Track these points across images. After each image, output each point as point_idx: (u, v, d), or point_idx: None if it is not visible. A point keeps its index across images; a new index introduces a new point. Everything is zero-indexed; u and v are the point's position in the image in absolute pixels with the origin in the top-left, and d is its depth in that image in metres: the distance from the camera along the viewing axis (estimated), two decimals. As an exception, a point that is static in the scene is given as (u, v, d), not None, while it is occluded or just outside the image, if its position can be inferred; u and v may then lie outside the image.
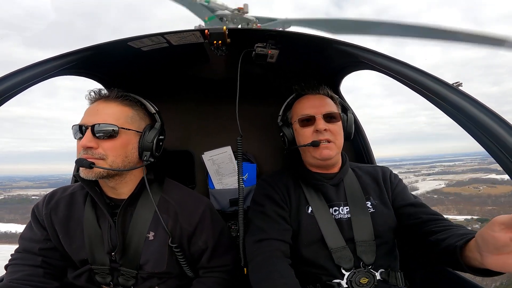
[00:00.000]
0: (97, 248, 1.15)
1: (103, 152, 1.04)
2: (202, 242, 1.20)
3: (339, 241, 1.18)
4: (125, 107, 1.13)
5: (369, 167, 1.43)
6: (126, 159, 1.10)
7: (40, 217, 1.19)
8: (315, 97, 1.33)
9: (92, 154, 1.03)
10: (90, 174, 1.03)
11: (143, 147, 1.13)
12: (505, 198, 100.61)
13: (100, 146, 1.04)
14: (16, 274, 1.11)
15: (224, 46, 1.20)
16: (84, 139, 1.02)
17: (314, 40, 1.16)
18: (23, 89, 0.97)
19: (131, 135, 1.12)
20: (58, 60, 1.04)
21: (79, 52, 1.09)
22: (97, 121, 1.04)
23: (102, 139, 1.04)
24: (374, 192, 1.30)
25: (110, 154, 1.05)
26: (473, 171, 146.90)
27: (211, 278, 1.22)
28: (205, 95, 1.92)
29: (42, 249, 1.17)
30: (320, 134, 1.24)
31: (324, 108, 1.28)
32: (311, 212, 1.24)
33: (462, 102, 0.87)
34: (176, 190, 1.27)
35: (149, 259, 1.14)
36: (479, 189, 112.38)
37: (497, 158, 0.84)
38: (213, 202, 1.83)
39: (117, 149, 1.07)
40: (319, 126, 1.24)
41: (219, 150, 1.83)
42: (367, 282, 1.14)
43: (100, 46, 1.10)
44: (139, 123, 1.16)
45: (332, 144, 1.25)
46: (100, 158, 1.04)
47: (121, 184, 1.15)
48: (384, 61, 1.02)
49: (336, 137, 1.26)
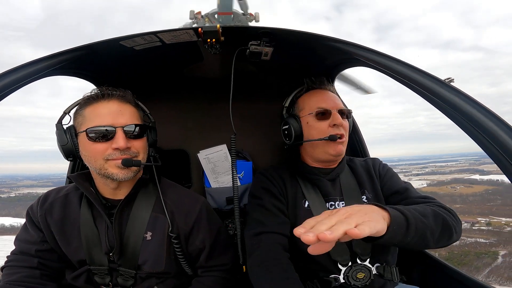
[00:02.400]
0: (94, 248, 1.14)
1: (135, 151, 1.09)
2: (200, 242, 1.21)
3: None
4: (135, 107, 1.17)
5: (362, 161, 1.44)
6: (146, 156, 1.17)
7: (35, 218, 1.18)
8: (327, 92, 1.34)
9: (130, 153, 1.07)
10: (129, 174, 1.07)
11: (152, 144, 1.21)
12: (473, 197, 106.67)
13: (132, 145, 1.08)
14: (12, 276, 1.11)
15: (218, 44, 1.19)
16: (121, 140, 1.03)
17: (308, 37, 1.16)
18: (14, 89, 0.95)
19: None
20: (49, 60, 1.02)
21: (71, 52, 1.07)
22: (126, 121, 1.07)
23: (132, 139, 1.08)
24: (368, 185, 1.31)
25: (141, 152, 1.11)
26: (460, 171, 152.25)
27: (210, 277, 1.23)
28: (200, 93, 1.91)
29: (38, 251, 1.17)
30: (337, 129, 1.24)
31: (339, 104, 1.30)
32: (307, 207, 1.25)
33: (454, 97, 0.87)
34: (172, 189, 1.27)
35: (147, 259, 1.15)
36: (455, 189, 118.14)
37: (490, 154, 0.85)
38: (210, 200, 1.83)
39: (145, 146, 1.14)
40: (338, 120, 1.24)
41: (215, 149, 1.83)
42: (364, 276, 1.15)
43: (91, 45, 1.09)
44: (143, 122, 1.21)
45: (345, 140, 1.27)
46: (135, 157, 1.09)
47: (126, 183, 1.15)
48: (376, 58, 1.02)
49: (347, 134, 1.29)
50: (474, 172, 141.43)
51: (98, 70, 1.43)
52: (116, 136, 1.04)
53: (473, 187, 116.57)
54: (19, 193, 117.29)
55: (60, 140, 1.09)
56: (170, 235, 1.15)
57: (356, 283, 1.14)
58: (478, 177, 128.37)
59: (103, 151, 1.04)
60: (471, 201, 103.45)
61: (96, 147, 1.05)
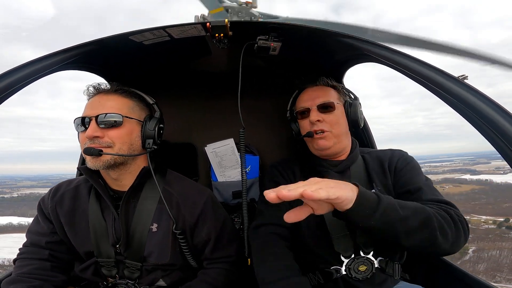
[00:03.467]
0: (102, 240, 1.16)
1: (109, 140, 1.07)
2: (205, 234, 1.22)
3: (341, 228, 1.18)
4: (125, 98, 1.16)
5: (380, 152, 1.37)
6: (132, 146, 1.13)
7: (46, 210, 1.21)
8: (313, 89, 1.35)
9: (100, 143, 1.06)
10: (98, 163, 1.06)
11: (146, 135, 1.16)
12: (458, 196, 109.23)
13: (106, 135, 1.07)
14: (24, 268, 1.13)
15: (226, 39, 1.18)
16: (89, 129, 1.05)
17: (317, 32, 1.14)
18: (27, 83, 0.98)
19: (134, 124, 1.14)
20: (61, 55, 1.04)
21: (82, 47, 1.08)
22: (101, 111, 1.07)
23: (107, 128, 1.07)
24: (378, 179, 1.26)
25: (116, 141, 1.08)
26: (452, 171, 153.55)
27: (215, 269, 1.24)
28: (208, 88, 1.91)
29: (48, 242, 1.19)
30: (314, 125, 1.27)
31: (319, 99, 1.29)
32: None
33: (468, 95, 0.86)
34: (178, 181, 1.28)
35: (152, 250, 1.16)
36: (444, 188, 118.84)
37: (501, 151, 0.83)
38: (216, 194, 1.84)
39: (123, 136, 1.10)
40: (311, 117, 1.27)
41: (222, 143, 1.83)
42: (366, 269, 1.14)
43: (102, 40, 1.09)
44: (139, 113, 1.18)
45: (328, 134, 1.25)
46: (108, 147, 1.07)
47: (125, 175, 1.16)
48: (387, 54, 1.00)
49: (332, 127, 1.26)
50: (465, 172, 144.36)
51: (108, 64, 1.44)
52: (89, 126, 1.06)
53: (461, 187, 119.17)
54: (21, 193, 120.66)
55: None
56: (175, 232, 1.16)
57: (358, 275, 1.14)
58: (468, 177, 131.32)
59: (82, 141, 1.09)
60: (456, 200, 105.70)
61: (80, 137, 1.11)
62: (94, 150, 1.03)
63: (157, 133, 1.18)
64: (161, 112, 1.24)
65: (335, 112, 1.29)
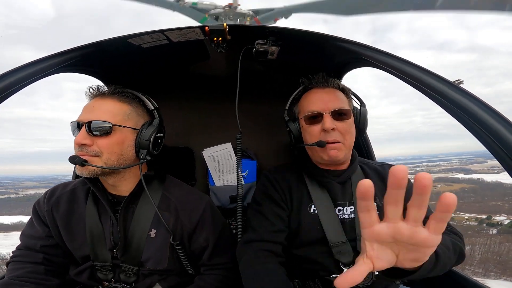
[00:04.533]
0: (99, 244, 1.15)
1: (98, 149, 1.02)
2: (203, 240, 1.21)
3: (340, 236, 1.15)
4: (122, 103, 1.11)
5: (378, 165, 1.34)
6: (122, 157, 1.08)
7: (41, 213, 1.19)
8: (324, 91, 1.22)
9: (87, 151, 1.02)
10: (84, 172, 1.02)
11: (139, 145, 1.10)
12: None
13: (95, 143, 1.02)
14: (17, 272, 1.11)
15: (225, 43, 1.19)
16: (79, 136, 1.01)
17: (315, 37, 1.16)
18: (24, 85, 0.98)
19: (127, 133, 1.09)
20: (59, 57, 1.03)
21: (80, 49, 1.08)
22: (92, 118, 1.03)
23: (97, 136, 1.02)
24: (381, 193, 1.22)
25: (105, 151, 1.03)
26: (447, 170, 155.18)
27: (213, 275, 1.23)
28: (206, 92, 1.91)
29: (43, 246, 1.17)
30: (328, 134, 1.14)
31: (332, 104, 1.16)
32: (313, 212, 1.19)
33: (463, 99, 0.87)
34: (177, 187, 1.27)
35: (150, 256, 1.15)
36: (435, 187, 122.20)
37: (496, 156, 0.84)
38: (213, 198, 1.84)
39: (112, 146, 1.04)
40: (326, 125, 1.13)
41: (220, 147, 1.83)
42: (366, 277, 1.13)
43: (100, 43, 1.10)
44: (136, 120, 1.13)
45: (340, 145, 1.15)
46: (95, 155, 1.02)
47: (120, 182, 1.14)
48: (385, 58, 1.01)
49: (345, 137, 1.16)
50: (460, 171, 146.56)
51: (106, 67, 1.44)
52: (79, 132, 1.03)
53: (452, 186, 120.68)
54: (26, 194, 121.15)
55: None
56: (172, 243, 1.14)
57: (358, 283, 1.13)
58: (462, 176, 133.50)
59: (75, 146, 1.04)
60: None
61: (74, 141, 1.05)
62: (78, 159, 0.99)
63: (153, 142, 1.11)
64: (161, 119, 1.19)
65: (349, 121, 1.18)
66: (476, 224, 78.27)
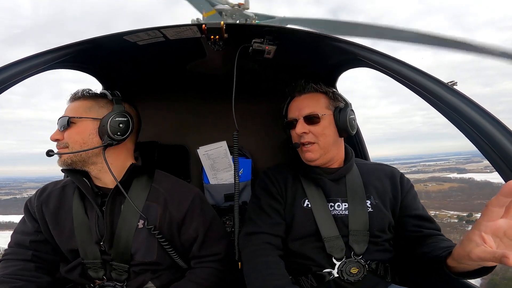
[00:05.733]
0: (85, 238, 1.15)
1: (66, 141, 1.14)
2: (193, 230, 1.22)
3: (333, 231, 1.19)
4: (84, 100, 1.19)
5: (376, 165, 1.40)
6: (84, 144, 1.14)
7: (32, 210, 1.20)
8: (301, 98, 1.32)
9: (59, 144, 1.15)
10: (59, 163, 1.15)
11: (100, 131, 1.15)
12: (436, 194, 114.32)
13: (64, 137, 1.14)
14: (8, 269, 1.12)
15: (221, 41, 1.19)
16: (52, 134, 1.16)
17: (311, 36, 1.16)
18: (19, 80, 0.98)
19: (87, 122, 1.16)
20: (53, 53, 1.03)
21: (75, 46, 1.07)
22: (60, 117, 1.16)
23: (63, 131, 1.14)
24: (377, 192, 1.27)
25: (69, 141, 1.13)
26: (441, 170, 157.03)
27: (204, 268, 1.23)
28: (201, 90, 1.91)
29: (33, 242, 1.17)
30: (301, 137, 1.27)
31: (304, 110, 1.27)
32: (307, 206, 1.24)
33: (456, 101, 0.88)
34: (166, 179, 1.29)
35: (139, 247, 1.15)
36: (426, 186, 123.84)
37: (487, 156, 0.86)
38: (208, 197, 1.84)
39: (73, 136, 1.14)
40: (297, 129, 1.26)
41: (215, 145, 1.83)
42: (357, 272, 1.15)
43: (95, 39, 1.09)
44: (98, 111, 1.18)
45: (315, 146, 1.25)
46: (65, 147, 1.14)
47: (102, 174, 1.18)
48: (380, 59, 1.02)
49: (318, 138, 1.25)
50: (453, 170, 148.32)
51: (101, 64, 1.43)
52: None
53: (443, 185, 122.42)
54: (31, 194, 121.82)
55: None
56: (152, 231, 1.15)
57: (350, 277, 1.14)
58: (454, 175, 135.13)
59: None
60: (433, 197, 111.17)
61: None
62: (49, 152, 1.13)
63: (112, 128, 1.13)
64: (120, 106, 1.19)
65: (321, 123, 1.26)
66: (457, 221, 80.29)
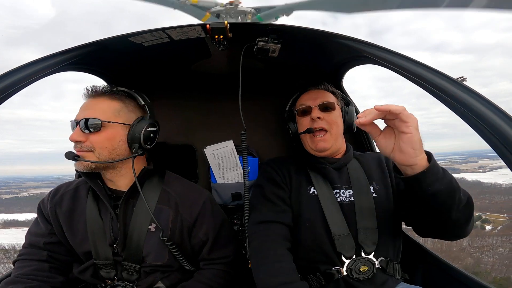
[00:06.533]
0: (99, 240, 1.16)
1: (91, 144, 1.08)
2: (203, 234, 1.22)
3: (343, 227, 1.18)
4: (112, 100, 1.13)
5: (372, 153, 1.47)
6: (114, 151, 1.11)
7: (45, 211, 1.21)
8: (314, 91, 1.41)
9: (81, 147, 1.07)
10: (79, 166, 1.08)
11: (131, 139, 1.13)
12: None
13: (88, 140, 1.07)
14: (23, 269, 1.13)
15: (226, 40, 1.19)
16: (74, 133, 1.07)
17: (317, 34, 1.15)
18: (26, 84, 0.98)
19: (118, 128, 1.11)
20: (61, 56, 1.04)
21: (81, 48, 1.08)
22: (85, 116, 1.07)
23: (89, 133, 1.07)
24: (378, 177, 1.31)
25: (96, 146, 1.08)
26: None
27: (212, 270, 1.24)
28: (207, 89, 1.91)
29: (47, 243, 1.19)
30: (315, 123, 1.31)
31: (319, 99, 1.35)
32: (313, 193, 1.27)
33: (467, 97, 0.86)
34: (177, 182, 1.29)
35: (150, 251, 1.16)
36: None
37: (500, 153, 0.84)
38: (215, 196, 1.84)
39: (103, 141, 1.09)
40: (313, 114, 1.32)
41: (221, 144, 1.83)
42: (367, 270, 1.14)
43: (102, 41, 1.10)
44: (127, 116, 1.15)
45: (327, 135, 1.31)
46: (89, 151, 1.08)
47: (117, 177, 1.17)
48: (387, 56, 1.01)
49: (331, 126, 1.32)
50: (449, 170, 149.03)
51: (108, 66, 1.44)
52: (74, 130, 1.08)
53: None
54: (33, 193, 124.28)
55: None
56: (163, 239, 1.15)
57: (359, 276, 1.14)
58: None
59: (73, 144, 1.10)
60: None
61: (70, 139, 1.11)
62: (71, 155, 1.06)
63: (144, 137, 1.14)
64: (153, 114, 1.20)
65: (334, 112, 1.35)
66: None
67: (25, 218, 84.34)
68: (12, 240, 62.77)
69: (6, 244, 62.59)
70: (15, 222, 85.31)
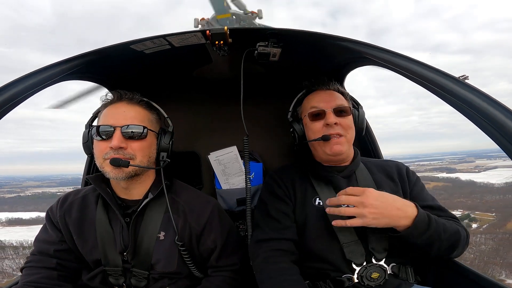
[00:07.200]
0: (109, 248, 1.17)
1: (132, 152, 1.10)
2: (211, 242, 1.22)
3: (351, 235, 1.15)
4: (146, 110, 1.19)
5: (381, 161, 1.42)
6: (150, 159, 1.16)
7: (54, 219, 1.22)
8: (325, 92, 1.33)
9: (123, 154, 1.08)
10: (121, 174, 1.07)
11: (161, 148, 1.19)
12: None
13: (129, 146, 1.09)
14: (31, 277, 1.14)
15: (226, 46, 1.19)
16: (115, 140, 1.06)
17: (316, 37, 1.15)
18: (30, 94, 0.96)
19: (153, 137, 1.18)
20: (63, 65, 1.04)
21: (83, 57, 1.09)
22: (126, 122, 1.09)
23: (131, 140, 1.09)
24: (388, 187, 1.26)
25: (138, 154, 1.11)
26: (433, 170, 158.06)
27: (219, 277, 1.24)
28: (209, 95, 1.92)
29: (57, 251, 1.19)
30: (331, 128, 1.23)
31: (334, 102, 1.27)
32: (318, 204, 1.23)
33: (470, 95, 0.85)
34: (185, 191, 1.30)
35: (160, 258, 1.16)
36: None
37: (506, 150, 0.83)
38: (220, 202, 1.84)
39: (145, 149, 1.13)
40: (330, 119, 1.23)
41: (225, 150, 1.84)
42: (378, 276, 1.11)
43: (103, 50, 1.11)
44: (156, 126, 1.22)
45: (343, 139, 1.24)
46: (130, 158, 1.08)
47: (135, 185, 1.18)
48: (388, 56, 1.00)
49: (347, 131, 1.26)
50: (443, 170, 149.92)
51: (110, 73, 1.46)
52: (113, 136, 1.07)
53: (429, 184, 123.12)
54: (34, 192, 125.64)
55: (83, 138, 1.17)
56: (177, 243, 1.16)
57: (370, 283, 1.11)
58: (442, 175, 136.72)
59: (103, 150, 1.09)
60: None
61: (98, 145, 1.10)
62: (123, 161, 1.05)
63: (171, 146, 1.22)
64: (173, 126, 1.28)
65: (349, 117, 1.29)
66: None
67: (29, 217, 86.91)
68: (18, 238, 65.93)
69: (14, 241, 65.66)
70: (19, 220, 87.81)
